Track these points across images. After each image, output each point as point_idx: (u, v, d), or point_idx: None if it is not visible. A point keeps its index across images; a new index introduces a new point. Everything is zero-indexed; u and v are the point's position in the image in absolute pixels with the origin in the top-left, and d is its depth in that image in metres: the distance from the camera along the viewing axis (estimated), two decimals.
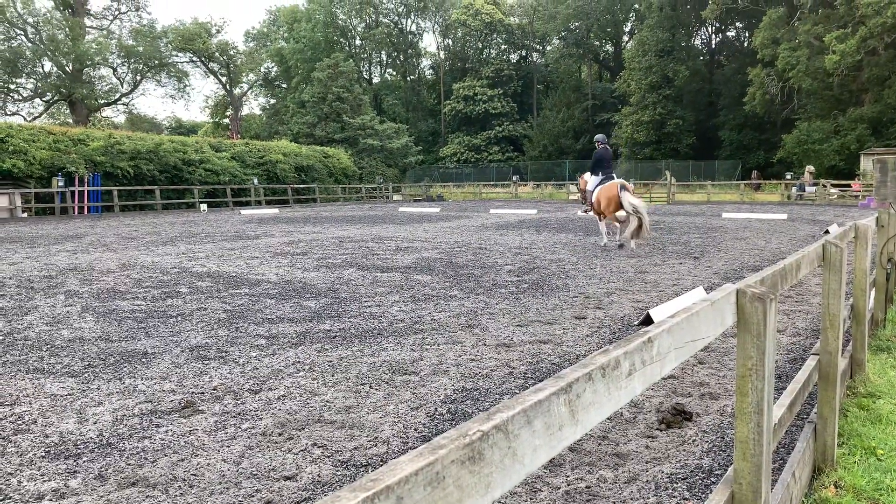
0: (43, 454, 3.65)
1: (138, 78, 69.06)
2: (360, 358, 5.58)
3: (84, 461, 3.56)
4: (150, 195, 34.09)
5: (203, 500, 3.14)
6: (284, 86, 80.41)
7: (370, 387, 4.82)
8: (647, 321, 6.68)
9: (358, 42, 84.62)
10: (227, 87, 76.59)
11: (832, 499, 3.30)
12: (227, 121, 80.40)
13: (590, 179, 16.02)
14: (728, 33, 72.53)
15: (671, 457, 3.66)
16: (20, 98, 64.75)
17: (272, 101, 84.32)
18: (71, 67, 62.27)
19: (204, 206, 35.19)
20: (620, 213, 14.22)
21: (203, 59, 71.69)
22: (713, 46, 72.74)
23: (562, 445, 1.10)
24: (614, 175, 15.42)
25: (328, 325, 6.81)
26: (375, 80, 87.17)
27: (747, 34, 65.86)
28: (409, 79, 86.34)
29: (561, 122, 72.15)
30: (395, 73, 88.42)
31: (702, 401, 4.57)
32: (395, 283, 9.54)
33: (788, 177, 44.17)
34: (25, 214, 28.45)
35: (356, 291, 8.88)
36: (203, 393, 4.69)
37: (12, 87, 63.31)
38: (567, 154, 69.75)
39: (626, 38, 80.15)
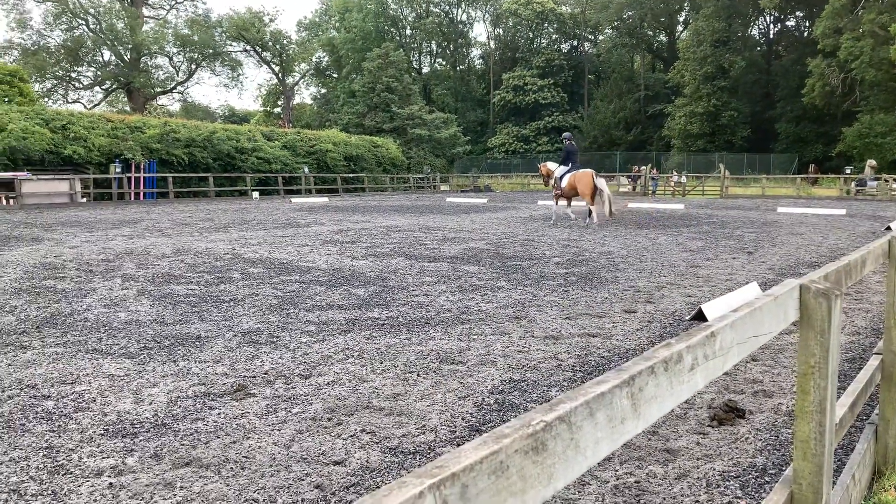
0: (102, 432, 3.76)
1: (193, 67, 70.47)
2: (407, 346, 5.60)
3: (140, 440, 3.65)
4: (204, 182, 34.76)
5: (254, 481, 3.19)
6: (335, 75, 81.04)
7: (418, 375, 4.83)
8: (700, 316, 6.57)
9: (408, 32, 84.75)
10: (280, 76, 77.54)
11: (892, 502, 3.20)
12: (279, 110, 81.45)
13: (556, 169, 19.30)
14: (787, 23, 70.55)
15: (723, 454, 3.59)
16: (81, 86, 66.71)
17: (323, 91, 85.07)
18: (129, 56, 63.86)
19: (256, 194, 35.74)
20: (594, 206, 18.10)
21: (256, 48, 72.70)
22: (771, 36, 70.88)
23: (623, 439, 1.08)
24: (580, 165, 19.05)
25: (376, 313, 6.86)
26: (425, 69, 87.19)
27: (808, 23, 63.98)
28: (458, 69, 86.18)
29: (612, 112, 71.20)
30: (444, 62, 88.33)
31: (755, 398, 4.47)
32: (443, 273, 9.56)
33: (848, 171, 42.84)
34: (84, 199, 29.28)
35: (404, 280, 8.92)
36: (255, 377, 4.76)
37: (74, 75, 65.27)
38: (618, 145, 68.83)
39: (680, 27, 78.55)
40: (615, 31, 78.82)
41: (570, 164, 18.82)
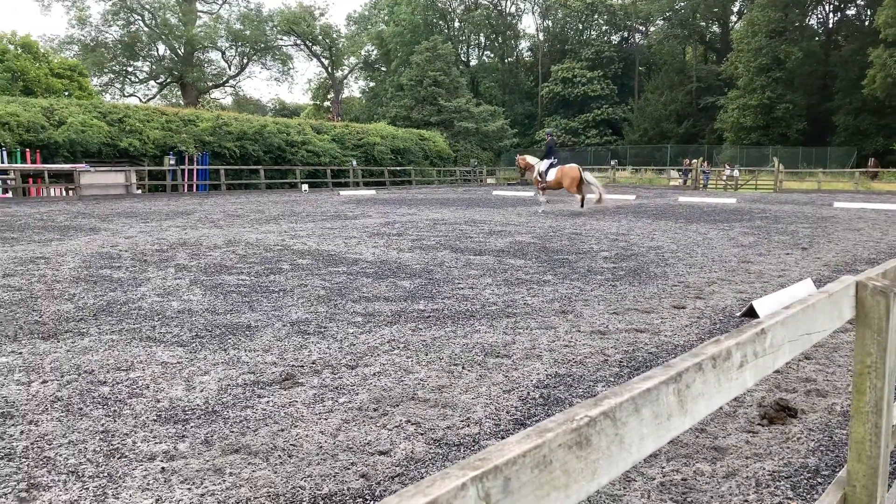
0: (155, 418, 3.86)
1: (245, 61, 71.64)
2: (452, 339, 5.62)
3: (191, 426, 3.74)
4: (255, 175, 35.30)
5: (301, 469, 3.24)
6: (384, 69, 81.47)
7: (463, 367, 4.84)
8: (751, 313, 6.43)
9: (457, 24, 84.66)
10: (329, 70, 78.26)
11: None
12: (328, 103, 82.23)
13: (538, 163, 21.15)
14: (847, 12, 68.41)
15: (773, 454, 3.52)
16: (136, 80, 68.45)
17: (371, 85, 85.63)
18: (182, 51, 65.20)
19: (305, 187, 36.16)
20: (591, 195, 20.63)
21: (307, 42, 73.49)
22: (830, 26, 68.84)
23: (669, 436, 1.07)
24: (559, 160, 21.24)
25: (422, 306, 6.89)
26: (473, 62, 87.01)
27: (869, 12, 61.92)
28: (506, 61, 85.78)
29: (663, 105, 70.12)
30: (492, 55, 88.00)
31: (808, 397, 4.36)
32: (488, 267, 9.55)
33: None
34: (139, 191, 30.04)
35: (449, 273, 8.94)
36: (303, 366, 4.83)
37: (130, 69, 66.97)
38: (669, 138, 67.77)
39: (734, 18, 76.88)
40: (667, 21, 77.57)
41: (552, 159, 20.84)
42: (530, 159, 22.26)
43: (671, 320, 6.39)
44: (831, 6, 67.66)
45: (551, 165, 20.62)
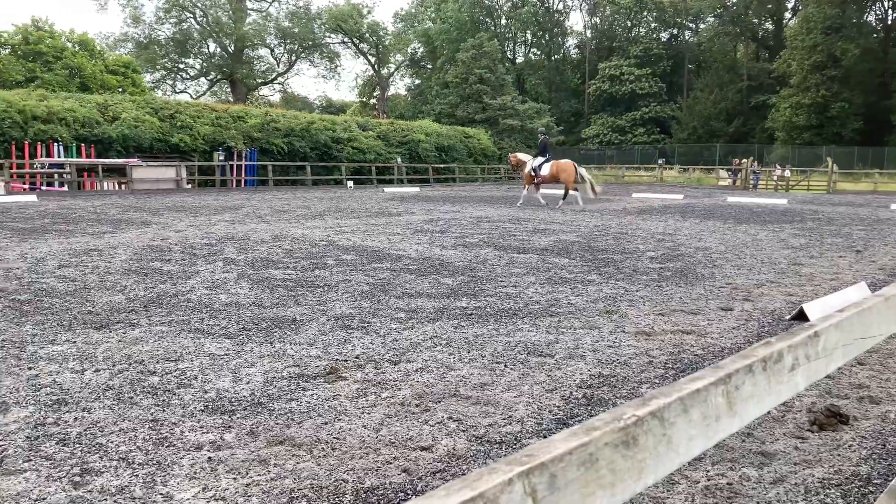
0: (202, 408, 3.94)
1: (293, 58, 72.56)
2: (495, 337, 5.61)
3: (237, 417, 3.81)
4: (302, 171, 35.71)
5: (344, 462, 3.28)
6: (430, 66, 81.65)
7: (505, 366, 4.83)
8: (801, 316, 6.29)
9: (503, 21, 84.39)
10: (376, 67, 78.76)
11: None
12: (374, 101, 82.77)
13: (531, 160, 22.25)
14: None
15: (823, 461, 3.43)
16: (187, 77, 69.87)
17: (417, 82, 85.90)
18: (232, 48, 66.32)
19: (350, 183, 36.45)
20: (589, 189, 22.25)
21: (354, 39, 74.07)
22: (889, 23, 66.72)
23: (718, 437, 1.05)
24: (553, 156, 22.37)
25: (464, 303, 6.89)
26: (519, 59, 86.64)
27: None
28: (553, 58, 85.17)
29: (713, 103, 68.85)
30: (539, 52, 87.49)
31: (860, 404, 4.25)
32: (532, 265, 9.50)
33: None
34: (189, 186, 30.61)
35: (492, 271, 8.92)
36: (346, 360, 4.88)
37: (181, 66, 68.40)
38: (718, 137, 66.54)
39: (788, 14, 75.09)
40: (718, 18, 76.16)
41: (546, 156, 21.99)
42: (522, 156, 23.33)
43: (718, 322, 6.28)
44: (890, 2, 65.60)
45: (545, 161, 21.81)
